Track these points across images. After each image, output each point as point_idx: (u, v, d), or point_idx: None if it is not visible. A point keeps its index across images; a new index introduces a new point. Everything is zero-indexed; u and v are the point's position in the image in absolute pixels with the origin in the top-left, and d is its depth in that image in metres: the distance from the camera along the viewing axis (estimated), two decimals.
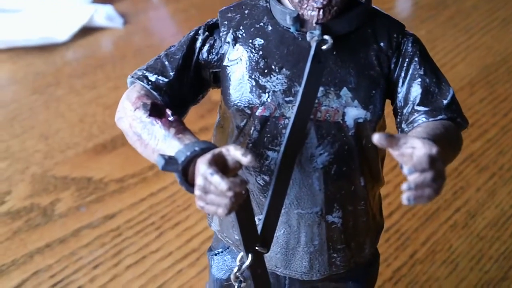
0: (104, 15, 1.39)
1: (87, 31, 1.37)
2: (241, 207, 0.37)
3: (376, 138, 0.32)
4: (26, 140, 1.08)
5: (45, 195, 0.96)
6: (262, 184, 0.43)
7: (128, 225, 0.90)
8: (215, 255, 0.52)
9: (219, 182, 0.33)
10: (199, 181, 0.34)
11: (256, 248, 0.41)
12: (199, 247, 0.86)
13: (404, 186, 0.32)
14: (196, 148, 0.36)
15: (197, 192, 0.35)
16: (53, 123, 1.12)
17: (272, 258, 0.46)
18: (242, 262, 0.41)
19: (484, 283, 0.80)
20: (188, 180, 0.36)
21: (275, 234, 0.44)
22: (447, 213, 0.91)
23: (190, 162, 0.36)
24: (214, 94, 0.52)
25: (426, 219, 0.90)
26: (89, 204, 0.94)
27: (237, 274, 0.42)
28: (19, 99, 1.19)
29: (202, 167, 0.34)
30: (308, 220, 0.44)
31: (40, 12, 1.40)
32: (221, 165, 0.34)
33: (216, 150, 0.35)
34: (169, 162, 0.35)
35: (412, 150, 0.32)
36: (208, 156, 0.34)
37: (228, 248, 0.51)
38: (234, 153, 0.34)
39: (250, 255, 0.40)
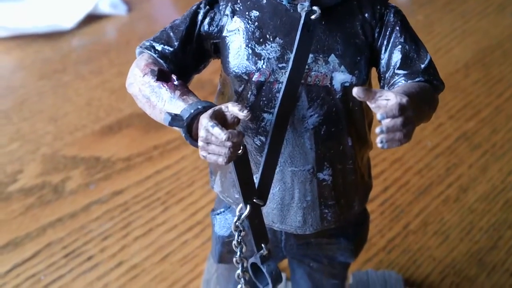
0: (108, 3, 1.43)
1: (92, 18, 1.41)
2: (239, 160, 0.42)
3: (355, 91, 0.36)
4: (36, 123, 1.12)
5: (55, 173, 1.00)
6: (259, 144, 0.47)
7: (135, 200, 0.95)
8: (217, 214, 0.56)
9: (219, 133, 0.37)
10: (202, 133, 0.38)
11: (254, 200, 0.45)
12: (203, 220, 0.91)
13: (377, 129, 0.36)
14: (199, 106, 0.40)
15: (200, 143, 0.39)
16: (61, 106, 1.17)
17: (269, 214, 0.51)
18: (241, 212, 0.45)
19: (474, 252, 0.84)
20: (192, 135, 0.41)
21: (271, 191, 0.49)
22: (439, 188, 0.95)
23: (194, 119, 0.40)
24: (216, 77, 0.55)
25: (420, 193, 0.94)
26: (97, 182, 0.98)
27: (237, 223, 0.46)
28: (27, 84, 1.24)
29: (204, 120, 0.38)
30: (301, 177, 0.48)
31: (47, 0, 1.44)
32: (221, 121, 0.38)
33: (217, 107, 0.39)
34: (175, 118, 0.39)
35: (386, 102, 0.36)
36: (209, 111, 0.39)
37: (229, 207, 0.55)
38: (232, 109, 0.38)
39: (248, 206, 0.45)
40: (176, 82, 0.42)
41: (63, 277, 0.82)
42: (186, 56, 0.47)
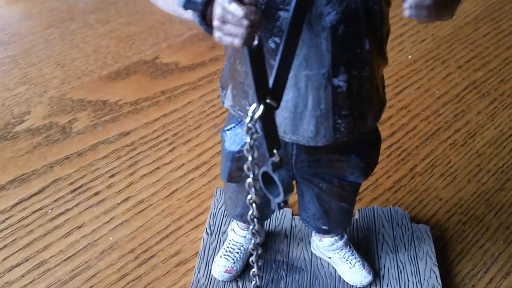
0: None
1: None
2: (254, 53, 0.41)
3: None
4: (43, 68, 1.12)
5: (63, 115, 1.00)
6: (273, 47, 0.46)
7: (142, 141, 0.95)
8: (228, 130, 0.56)
9: (235, 9, 0.37)
10: (217, 10, 0.38)
11: (267, 100, 0.44)
12: (209, 160, 0.91)
13: None
14: None
15: (215, 22, 0.38)
16: (68, 53, 1.16)
17: (281, 124, 0.50)
18: (254, 112, 0.45)
19: (482, 193, 0.84)
20: (206, 22, 0.40)
21: (284, 98, 0.48)
22: (447, 133, 0.94)
23: (208, 4, 0.39)
24: None
25: (426, 138, 0.94)
26: (105, 123, 0.98)
27: (249, 125, 0.45)
28: (35, 32, 1.23)
29: None
30: (316, 82, 0.47)
31: None
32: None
33: None
34: (190, 1, 0.39)
35: None
36: None
37: (240, 122, 0.55)
38: None
39: (261, 106, 0.44)
40: None
41: (70, 211, 0.83)
42: None
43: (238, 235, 0.70)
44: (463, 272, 0.73)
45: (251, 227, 0.55)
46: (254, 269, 0.58)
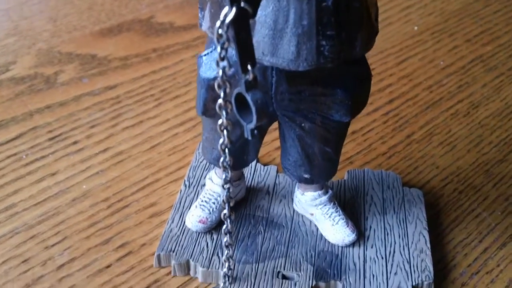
0: None
1: None
2: None
3: None
4: (35, 21, 1.08)
5: (49, 66, 0.96)
6: None
7: (128, 95, 0.90)
8: (204, 55, 0.52)
9: None
10: None
11: (241, 4, 0.40)
12: (196, 117, 0.86)
13: None
14: None
15: None
16: (62, 8, 1.13)
17: (260, 43, 0.46)
18: (225, 16, 0.40)
19: (482, 163, 0.79)
20: None
21: (263, 13, 0.44)
22: (449, 103, 0.89)
23: None
24: None
25: (427, 107, 0.89)
26: (91, 76, 0.94)
27: (220, 31, 0.41)
28: None
29: None
30: None
31: None
32: None
33: None
34: None
35: None
36: None
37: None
38: None
39: (234, 8, 0.40)
40: None
41: (46, 158, 0.79)
42: None
43: (216, 184, 0.66)
44: (456, 240, 0.68)
45: (221, 159, 0.50)
46: (225, 211, 0.54)
